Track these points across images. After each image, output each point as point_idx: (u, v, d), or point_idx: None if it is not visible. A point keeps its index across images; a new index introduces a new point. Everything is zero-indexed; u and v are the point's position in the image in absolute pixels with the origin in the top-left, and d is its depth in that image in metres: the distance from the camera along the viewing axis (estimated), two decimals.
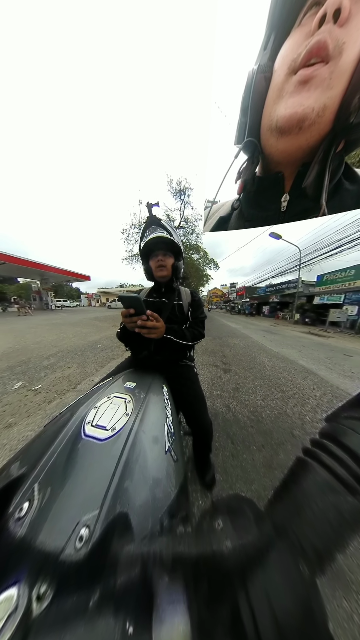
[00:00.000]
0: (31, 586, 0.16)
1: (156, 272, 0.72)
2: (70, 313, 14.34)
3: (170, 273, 0.73)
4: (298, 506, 0.18)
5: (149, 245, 0.70)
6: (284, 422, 1.46)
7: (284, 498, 0.20)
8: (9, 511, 0.22)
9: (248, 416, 1.51)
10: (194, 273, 13.82)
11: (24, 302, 16.44)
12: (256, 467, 1.01)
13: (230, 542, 0.15)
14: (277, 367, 2.85)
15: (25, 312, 11.96)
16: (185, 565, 0.14)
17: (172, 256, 0.72)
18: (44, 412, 1.54)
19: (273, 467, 1.02)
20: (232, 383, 2.17)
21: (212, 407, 1.61)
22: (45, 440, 0.32)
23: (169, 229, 0.68)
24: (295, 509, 0.18)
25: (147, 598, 0.14)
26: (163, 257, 0.70)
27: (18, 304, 14.60)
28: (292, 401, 1.79)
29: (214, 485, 0.87)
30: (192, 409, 0.70)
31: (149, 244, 0.69)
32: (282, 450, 1.15)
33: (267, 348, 4.15)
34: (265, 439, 1.25)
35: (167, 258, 0.71)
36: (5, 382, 2.07)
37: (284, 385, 2.16)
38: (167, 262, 0.71)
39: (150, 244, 0.69)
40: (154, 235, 0.67)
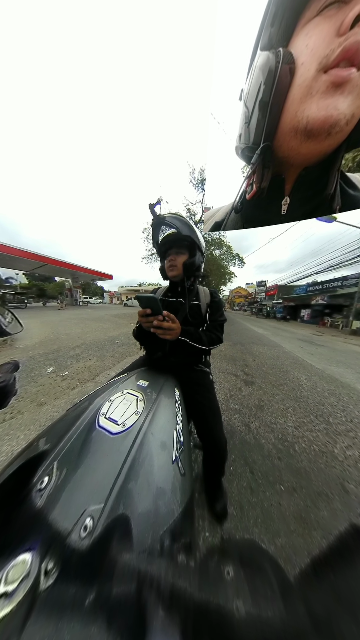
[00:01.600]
0: (42, 558, 0.17)
1: (168, 271, 0.71)
2: (94, 309, 15.80)
3: (181, 272, 0.68)
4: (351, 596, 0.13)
5: (161, 248, 0.70)
6: (330, 466, 1.10)
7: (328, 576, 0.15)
8: (33, 480, 0.25)
9: (274, 444, 1.24)
10: (214, 270, 12.78)
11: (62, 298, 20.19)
12: (283, 516, 0.79)
13: (243, 605, 0.12)
14: (320, 388, 2.25)
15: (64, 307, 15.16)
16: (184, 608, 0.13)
17: (184, 253, 0.68)
18: (67, 397, 1.72)
19: (310, 523, 0.77)
20: (254, 399, 1.87)
21: (227, 423, 1.42)
22: (66, 424, 0.35)
23: (174, 223, 0.65)
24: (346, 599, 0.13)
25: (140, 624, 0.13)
26: (174, 256, 0.68)
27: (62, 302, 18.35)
28: (345, 440, 1.34)
29: (225, 517, 0.74)
30: (206, 420, 0.64)
31: (160, 247, 0.69)
32: (326, 505, 0.86)
33: (306, 363, 3.32)
34: (298, 480, 0.98)
35: (178, 257, 0.68)
36: (41, 366, 2.41)
37: (330, 415, 1.66)
38: (177, 261, 0.67)
39: (161, 247, 0.69)
40: (162, 237, 0.67)
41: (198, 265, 0.71)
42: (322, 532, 0.75)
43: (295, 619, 0.12)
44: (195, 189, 11.17)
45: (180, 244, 0.68)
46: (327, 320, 13.82)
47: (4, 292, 18.54)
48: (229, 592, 0.13)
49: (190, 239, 0.66)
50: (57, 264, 17.73)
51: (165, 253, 0.71)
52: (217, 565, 0.15)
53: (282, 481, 0.97)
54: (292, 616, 0.12)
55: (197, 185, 10.81)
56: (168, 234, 0.65)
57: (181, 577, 0.14)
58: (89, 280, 30.22)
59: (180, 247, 0.68)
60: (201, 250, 0.72)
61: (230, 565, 0.15)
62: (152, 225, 0.68)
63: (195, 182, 10.75)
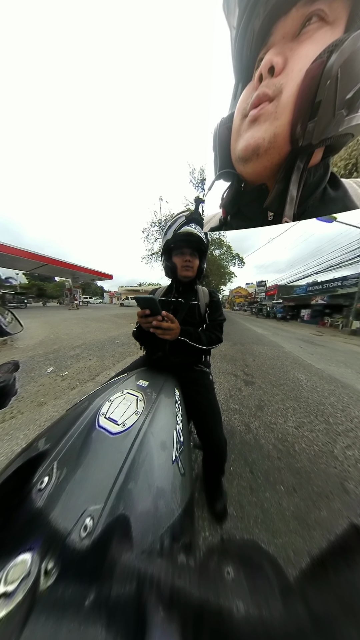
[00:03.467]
0: (42, 558, 0.17)
1: (182, 271, 0.69)
2: (94, 309, 15.85)
3: (195, 274, 0.71)
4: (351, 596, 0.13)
5: (178, 239, 0.66)
6: (330, 466, 1.10)
7: (328, 576, 0.15)
8: (33, 480, 0.25)
9: (274, 444, 1.24)
10: (214, 270, 12.89)
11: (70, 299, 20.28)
12: (284, 516, 0.79)
13: (243, 605, 0.12)
14: (320, 388, 2.26)
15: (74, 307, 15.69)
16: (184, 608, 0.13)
17: (197, 257, 0.70)
18: (67, 397, 1.72)
19: (309, 523, 0.77)
20: (254, 399, 1.87)
21: (227, 423, 1.42)
22: (66, 424, 0.35)
23: (202, 228, 0.67)
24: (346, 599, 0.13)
25: (140, 624, 0.13)
26: (191, 257, 0.68)
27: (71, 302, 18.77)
28: (345, 440, 1.35)
29: (225, 518, 0.75)
30: (206, 420, 0.64)
31: (177, 238, 0.66)
32: (326, 505, 0.86)
33: (306, 363, 3.33)
34: (298, 480, 0.98)
35: (194, 258, 0.69)
36: (41, 366, 2.41)
37: (330, 416, 1.67)
38: (194, 263, 0.69)
39: (179, 238, 0.66)
40: (188, 229, 0.64)
41: (203, 270, 0.76)
42: (322, 532, 0.75)
43: (295, 619, 0.12)
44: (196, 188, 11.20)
45: (199, 247, 0.69)
46: (327, 320, 13.69)
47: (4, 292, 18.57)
48: (229, 592, 0.13)
49: (206, 247, 0.70)
50: (57, 264, 17.76)
51: (177, 249, 0.69)
52: (217, 565, 0.15)
53: (283, 482, 0.96)
54: (292, 616, 0.12)
55: (197, 185, 10.80)
56: (194, 231, 0.65)
57: (181, 577, 0.14)
58: (89, 280, 30.27)
59: (198, 251, 0.70)
60: (206, 257, 0.75)
61: (230, 565, 0.15)
62: (188, 218, 0.67)
63: (196, 182, 10.75)
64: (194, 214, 0.66)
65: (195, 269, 0.70)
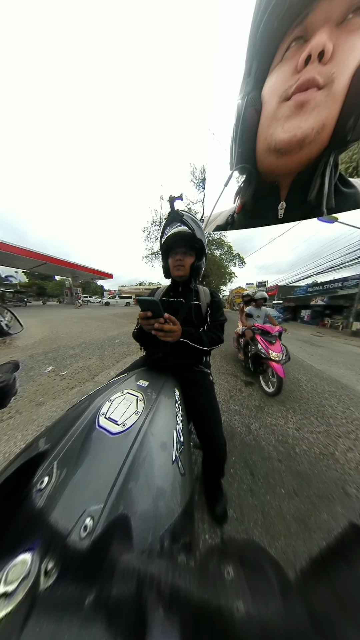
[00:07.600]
0: (42, 558, 0.17)
1: (173, 271, 0.69)
2: (94, 308, 15.75)
3: (187, 273, 0.69)
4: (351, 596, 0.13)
5: (169, 241, 0.66)
6: (331, 468, 1.10)
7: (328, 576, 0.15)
8: (33, 480, 0.25)
9: (275, 446, 1.24)
10: (215, 270, 12.82)
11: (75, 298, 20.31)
12: (284, 518, 0.79)
13: (243, 605, 0.12)
14: (320, 390, 2.26)
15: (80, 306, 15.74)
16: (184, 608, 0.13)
17: (192, 255, 0.68)
18: (67, 397, 1.71)
19: (310, 526, 0.78)
20: (254, 399, 1.87)
21: (227, 424, 1.42)
22: (66, 424, 0.35)
23: (191, 224, 0.63)
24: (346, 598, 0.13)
25: (140, 624, 0.13)
26: (182, 255, 0.67)
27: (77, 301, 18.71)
28: (345, 442, 1.34)
29: (225, 520, 0.74)
30: (206, 421, 0.64)
31: (168, 241, 0.66)
32: (327, 507, 0.86)
33: (306, 363, 3.32)
34: (299, 483, 0.98)
35: (186, 257, 0.67)
36: (40, 365, 2.40)
37: (331, 417, 1.67)
38: (185, 262, 0.67)
39: (169, 240, 0.66)
40: (174, 231, 0.64)
41: (202, 269, 0.73)
42: (322, 534, 0.76)
43: (295, 619, 0.12)
44: (196, 188, 11.16)
45: (191, 245, 0.67)
46: (327, 321, 13.57)
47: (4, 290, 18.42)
48: (229, 592, 0.13)
49: (201, 243, 0.67)
50: (58, 263, 17.73)
51: (171, 250, 0.69)
52: (217, 565, 0.15)
53: (283, 484, 0.96)
54: (292, 616, 0.12)
55: (198, 185, 10.79)
56: (180, 230, 0.63)
57: (181, 577, 0.14)
58: (89, 279, 30.18)
59: (190, 249, 0.68)
60: (206, 255, 0.73)
61: (230, 565, 0.15)
62: (168, 219, 0.65)
63: (197, 181, 10.73)
64: (174, 215, 0.64)
65: (187, 268, 0.68)
